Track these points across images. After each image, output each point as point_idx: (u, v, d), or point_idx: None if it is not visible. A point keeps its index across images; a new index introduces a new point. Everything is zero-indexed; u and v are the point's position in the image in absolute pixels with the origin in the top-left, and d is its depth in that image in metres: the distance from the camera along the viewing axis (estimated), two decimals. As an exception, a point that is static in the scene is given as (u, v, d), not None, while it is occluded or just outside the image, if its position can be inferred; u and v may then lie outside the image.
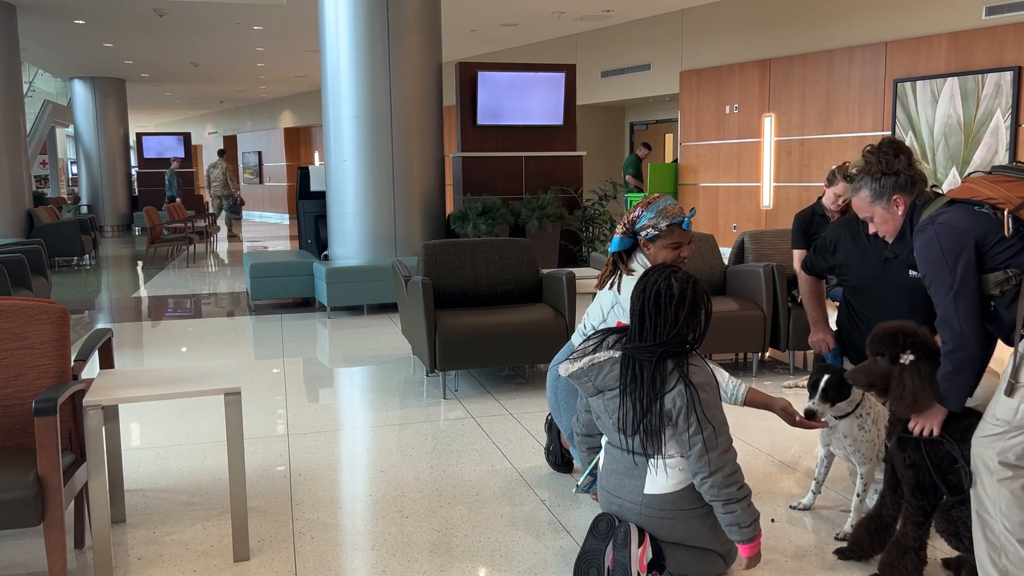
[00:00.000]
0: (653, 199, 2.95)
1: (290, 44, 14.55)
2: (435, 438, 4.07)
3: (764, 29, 11.18)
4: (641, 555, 2.41)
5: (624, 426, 2.47)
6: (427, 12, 8.06)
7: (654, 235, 2.92)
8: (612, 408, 2.51)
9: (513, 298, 5.19)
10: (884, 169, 2.62)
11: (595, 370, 2.53)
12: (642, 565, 2.41)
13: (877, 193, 2.63)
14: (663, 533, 2.49)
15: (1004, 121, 8.39)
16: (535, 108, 9.20)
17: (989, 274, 2.31)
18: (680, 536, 2.49)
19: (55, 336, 2.78)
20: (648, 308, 2.46)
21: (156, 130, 31.33)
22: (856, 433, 2.88)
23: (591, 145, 15.47)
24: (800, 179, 10.90)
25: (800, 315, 5.00)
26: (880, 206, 2.63)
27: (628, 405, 2.45)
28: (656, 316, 2.45)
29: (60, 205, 17.20)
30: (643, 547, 2.43)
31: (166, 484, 3.52)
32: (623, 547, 2.42)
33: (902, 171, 2.61)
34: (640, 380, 2.43)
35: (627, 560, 2.39)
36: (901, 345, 2.42)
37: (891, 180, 2.61)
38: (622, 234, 2.99)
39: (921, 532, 2.48)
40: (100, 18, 12.06)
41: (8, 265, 6.34)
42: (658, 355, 2.43)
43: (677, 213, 2.91)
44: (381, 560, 2.80)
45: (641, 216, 2.94)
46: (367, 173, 7.94)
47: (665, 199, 2.95)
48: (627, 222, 2.99)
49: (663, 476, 2.47)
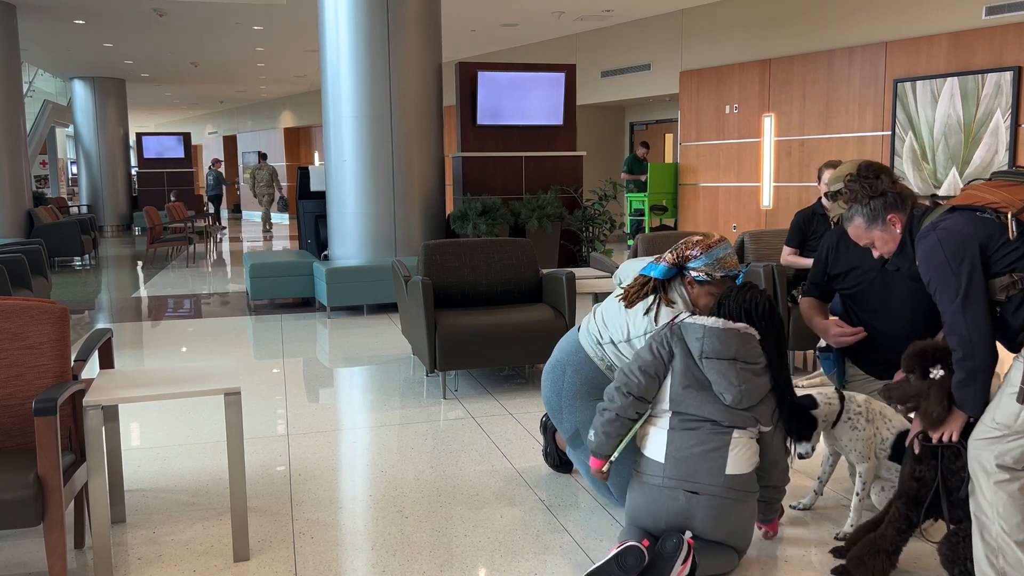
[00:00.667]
0: (714, 243, 2.91)
1: (290, 44, 14.55)
2: (435, 438, 4.08)
3: (764, 29, 11.18)
4: (681, 571, 2.42)
5: (746, 398, 2.56)
6: (427, 12, 8.06)
7: (704, 280, 2.89)
8: (744, 378, 2.57)
9: (513, 298, 5.19)
10: (870, 193, 2.64)
11: (738, 339, 2.61)
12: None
13: (871, 217, 2.65)
14: (730, 519, 2.53)
15: (1004, 121, 8.39)
16: (535, 108, 9.20)
17: (994, 279, 2.31)
18: (736, 523, 2.55)
19: (55, 336, 2.78)
20: (767, 319, 2.69)
21: (156, 130, 31.33)
22: (849, 434, 2.90)
23: (591, 145, 15.47)
24: (800, 179, 10.90)
25: (800, 315, 4.99)
26: (877, 229, 2.65)
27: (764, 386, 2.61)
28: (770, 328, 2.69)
29: (61, 205, 17.20)
30: (685, 564, 2.42)
31: (166, 484, 3.52)
32: (672, 558, 2.40)
33: (888, 190, 2.64)
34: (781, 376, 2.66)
35: (669, 572, 2.40)
36: (931, 360, 2.44)
37: (880, 202, 2.63)
38: (669, 264, 2.94)
39: (900, 539, 2.53)
40: (100, 18, 12.06)
41: (8, 265, 6.33)
42: None
43: (733, 266, 2.91)
44: (381, 560, 2.80)
45: (698, 258, 2.89)
46: (367, 173, 7.94)
47: (724, 247, 2.91)
48: (679, 256, 2.93)
49: (744, 454, 2.56)
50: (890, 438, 2.88)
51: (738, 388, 2.54)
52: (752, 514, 2.61)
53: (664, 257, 2.97)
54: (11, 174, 11.30)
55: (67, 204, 18.64)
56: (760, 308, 2.67)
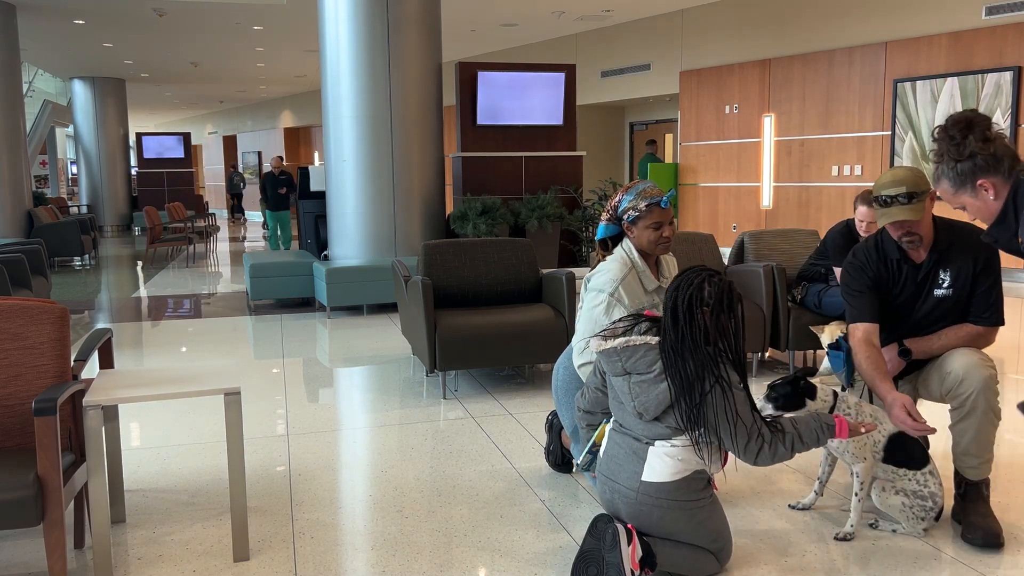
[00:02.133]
0: (632, 184, 3.07)
1: (290, 44, 14.55)
2: (435, 438, 4.08)
3: (764, 29, 11.17)
4: (632, 553, 2.42)
5: (645, 411, 2.53)
6: (427, 12, 8.06)
7: (635, 216, 3.04)
8: (637, 392, 2.54)
9: (513, 298, 5.19)
10: (957, 156, 2.35)
11: (628, 352, 2.57)
12: (634, 563, 2.42)
13: (958, 182, 2.36)
14: (652, 523, 2.52)
15: (1004, 121, 8.39)
16: (535, 108, 9.20)
17: None
18: (668, 529, 2.52)
19: (55, 336, 2.78)
20: (681, 309, 2.48)
21: (156, 130, 31.33)
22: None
23: (591, 145, 15.47)
24: (800, 179, 10.91)
25: (800, 315, 4.99)
26: (966, 195, 2.36)
27: (661, 394, 2.49)
28: (689, 320, 2.47)
29: (61, 205, 17.20)
30: (632, 545, 2.44)
31: (166, 484, 3.52)
32: (612, 548, 2.43)
33: (978, 152, 2.32)
34: (682, 375, 2.46)
35: (619, 560, 2.40)
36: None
37: (968, 165, 2.33)
38: (607, 220, 3.11)
39: None
40: (100, 18, 12.06)
41: (8, 265, 6.34)
42: (697, 357, 2.45)
43: (656, 194, 3.04)
44: (381, 560, 2.80)
45: (622, 200, 3.06)
46: (367, 173, 7.94)
47: (644, 182, 3.07)
48: (610, 208, 3.10)
49: (663, 464, 2.52)
50: (882, 440, 2.87)
51: (633, 401, 2.56)
52: (692, 521, 2.51)
53: (601, 218, 3.13)
54: (11, 174, 11.30)
55: (67, 204, 18.66)
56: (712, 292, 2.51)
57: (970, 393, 2.80)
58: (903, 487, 2.86)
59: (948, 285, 2.93)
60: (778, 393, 2.83)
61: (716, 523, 2.57)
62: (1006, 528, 2.93)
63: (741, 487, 3.38)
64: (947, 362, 2.90)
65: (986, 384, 2.80)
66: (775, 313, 5.08)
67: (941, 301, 2.96)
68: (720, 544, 2.57)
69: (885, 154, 9.74)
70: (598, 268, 3.09)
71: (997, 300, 2.91)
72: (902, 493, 2.85)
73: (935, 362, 2.99)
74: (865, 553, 2.78)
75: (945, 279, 2.94)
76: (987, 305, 2.91)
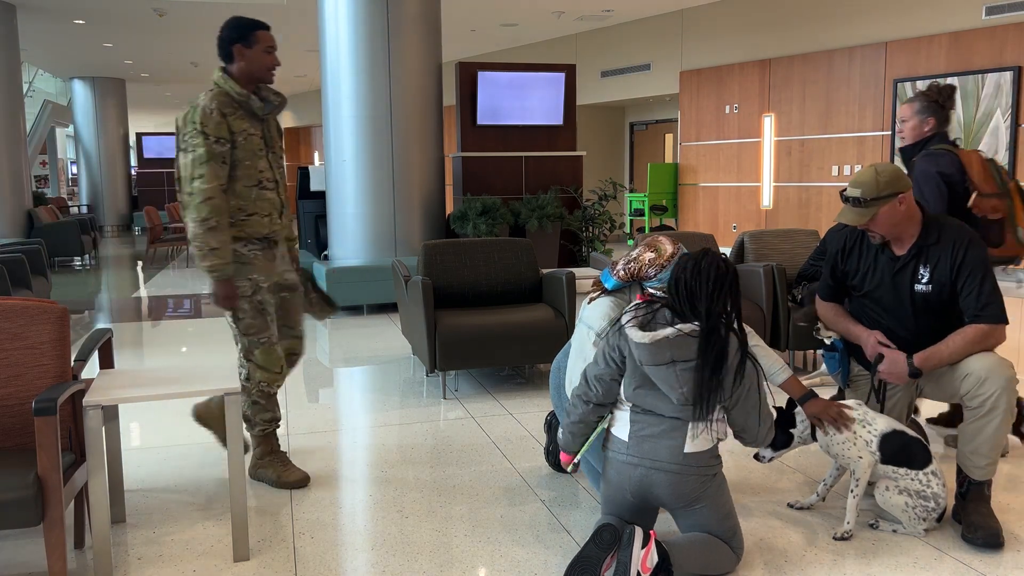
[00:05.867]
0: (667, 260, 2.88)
1: (290, 44, 14.55)
2: (435, 438, 4.08)
3: (764, 29, 11.18)
4: (644, 556, 2.43)
5: (690, 396, 2.55)
6: (427, 12, 8.06)
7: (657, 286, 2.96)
8: (686, 378, 2.54)
9: (513, 298, 5.19)
10: (935, 99, 3.35)
11: (679, 341, 2.57)
12: (644, 566, 2.42)
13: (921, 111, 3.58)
14: (687, 491, 2.59)
15: (1004, 121, 8.39)
16: (535, 108, 9.21)
17: None
18: (702, 492, 2.61)
19: (55, 336, 2.78)
20: (683, 288, 2.60)
21: (156, 130, 31.32)
22: (825, 440, 2.97)
23: (591, 145, 15.47)
24: (800, 179, 10.91)
25: (799, 316, 4.99)
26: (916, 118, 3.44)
27: (701, 376, 2.54)
28: (695, 294, 2.58)
29: (61, 205, 17.21)
30: (647, 549, 2.44)
31: (166, 484, 3.52)
32: (627, 546, 2.45)
33: (944, 106, 3.47)
34: (719, 353, 2.55)
35: (628, 559, 2.42)
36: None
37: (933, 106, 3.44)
38: (623, 280, 2.97)
39: None
40: (100, 18, 12.07)
41: (8, 265, 6.34)
42: (725, 329, 2.57)
43: None
44: (381, 560, 2.80)
45: (654, 278, 2.90)
46: (367, 173, 7.94)
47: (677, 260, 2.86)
48: (632, 274, 2.94)
49: (704, 436, 2.60)
50: (874, 440, 2.88)
51: (680, 391, 2.55)
52: (724, 483, 2.68)
53: (617, 272, 2.97)
54: (11, 174, 11.31)
55: (67, 204, 18.66)
56: (712, 275, 2.60)
57: (992, 393, 2.79)
58: (906, 487, 2.86)
59: (927, 281, 2.93)
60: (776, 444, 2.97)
61: (727, 485, 2.74)
62: (1006, 528, 2.93)
63: (741, 486, 3.38)
64: (966, 363, 2.89)
65: (1008, 385, 2.80)
66: (775, 313, 5.08)
67: (925, 298, 2.96)
68: (734, 522, 2.66)
69: (885, 154, 9.74)
70: (596, 301, 3.02)
71: (991, 295, 2.87)
72: (905, 493, 2.85)
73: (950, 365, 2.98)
74: (865, 553, 2.78)
75: (924, 275, 2.94)
76: (980, 301, 2.86)
